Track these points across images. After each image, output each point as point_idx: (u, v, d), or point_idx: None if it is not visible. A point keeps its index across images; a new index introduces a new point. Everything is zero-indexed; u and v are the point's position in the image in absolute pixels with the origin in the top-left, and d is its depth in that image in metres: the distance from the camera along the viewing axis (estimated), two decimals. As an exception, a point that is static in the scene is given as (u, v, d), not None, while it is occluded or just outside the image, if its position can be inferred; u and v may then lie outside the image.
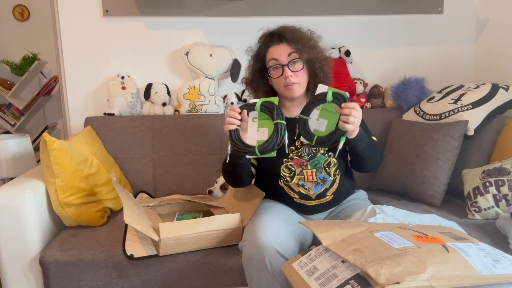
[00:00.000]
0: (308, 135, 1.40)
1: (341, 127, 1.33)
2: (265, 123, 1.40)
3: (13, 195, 1.55)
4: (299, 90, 1.52)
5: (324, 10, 2.31)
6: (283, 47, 1.50)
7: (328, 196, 1.53)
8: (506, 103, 1.95)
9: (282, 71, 1.48)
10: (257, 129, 1.41)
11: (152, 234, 1.48)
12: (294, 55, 1.48)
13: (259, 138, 1.40)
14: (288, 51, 1.49)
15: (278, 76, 1.50)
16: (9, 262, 1.56)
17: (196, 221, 1.55)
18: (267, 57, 1.53)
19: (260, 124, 1.41)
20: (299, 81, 1.50)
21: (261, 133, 1.40)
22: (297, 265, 1.18)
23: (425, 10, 2.38)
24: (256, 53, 1.58)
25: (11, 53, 3.54)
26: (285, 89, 1.51)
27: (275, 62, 1.50)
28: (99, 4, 2.20)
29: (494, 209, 1.64)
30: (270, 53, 1.52)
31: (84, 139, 1.95)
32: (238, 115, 1.41)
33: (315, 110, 1.39)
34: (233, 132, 1.41)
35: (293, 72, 1.48)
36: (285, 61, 1.48)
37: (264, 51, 1.54)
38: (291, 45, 1.49)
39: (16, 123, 3.50)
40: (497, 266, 0.98)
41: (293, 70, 1.48)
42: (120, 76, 2.21)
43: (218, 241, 1.56)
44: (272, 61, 1.50)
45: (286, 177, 1.53)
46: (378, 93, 2.36)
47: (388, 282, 0.88)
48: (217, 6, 2.25)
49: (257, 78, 1.59)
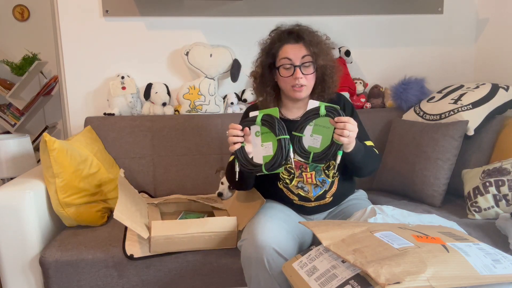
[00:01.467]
0: (303, 153, 1.37)
1: (336, 140, 1.32)
2: (268, 137, 1.37)
3: (13, 195, 1.55)
4: (306, 93, 1.50)
5: (324, 10, 2.31)
6: (299, 48, 1.46)
7: (328, 198, 1.53)
8: (506, 103, 1.95)
9: (293, 72, 1.46)
10: (261, 144, 1.38)
11: (141, 232, 1.48)
12: (308, 58, 1.46)
13: (264, 154, 1.38)
14: (303, 53, 1.46)
15: (288, 76, 1.47)
16: (9, 262, 1.56)
17: (189, 222, 1.55)
18: (280, 54, 1.49)
19: (263, 139, 1.38)
20: (307, 84, 1.48)
21: (266, 148, 1.38)
22: (297, 265, 1.18)
23: (425, 10, 2.38)
24: (268, 47, 1.53)
25: (11, 53, 3.54)
26: (292, 90, 1.49)
27: (288, 62, 1.46)
28: (99, 4, 2.20)
29: (494, 209, 1.64)
30: (284, 51, 1.48)
31: (84, 139, 1.95)
32: (240, 132, 1.38)
33: (308, 127, 1.37)
34: (239, 152, 1.38)
35: (303, 74, 1.46)
36: (298, 62, 1.45)
37: (277, 48, 1.50)
38: (308, 47, 1.46)
39: (16, 123, 3.50)
40: (497, 266, 0.98)
41: (304, 73, 1.46)
42: (120, 76, 2.21)
43: (213, 243, 1.55)
44: (285, 60, 1.47)
45: (285, 179, 1.53)
46: (378, 93, 2.36)
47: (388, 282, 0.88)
48: (217, 6, 2.25)
49: (265, 73, 1.54)
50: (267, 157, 1.37)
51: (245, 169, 1.39)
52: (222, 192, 1.92)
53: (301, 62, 1.46)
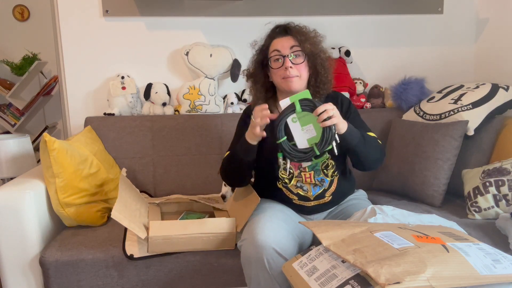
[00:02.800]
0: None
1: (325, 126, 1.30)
2: (306, 119, 1.34)
3: (13, 195, 1.55)
4: (299, 84, 1.49)
5: (324, 10, 2.31)
6: (287, 40, 1.50)
7: (327, 197, 1.53)
8: (506, 103, 1.95)
9: (283, 63, 1.47)
10: (301, 129, 1.35)
11: (139, 232, 1.48)
12: (296, 48, 1.48)
13: (308, 137, 1.35)
14: (291, 43, 1.49)
15: (278, 67, 1.49)
16: (9, 262, 1.56)
17: (187, 222, 1.54)
18: (270, 49, 1.52)
19: (302, 122, 1.35)
20: (299, 75, 1.48)
21: (308, 131, 1.35)
22: (297, 265, 1.18)
23: (425, 10, 2.38)
24: (260, 45, 1.58)
25: (11, 53, 3.54)
26: (283, 81, 1.48)
27: (277, 53, 1.49)
28: (99, 4, 2.20)
29: (494, 209, 1.64)
30: (273, 44, 1.52)
31: (84, 139, 1.95)
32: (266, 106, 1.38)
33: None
34: (285, 145, 1.35)
35: (293, 64, 1.47)
36: (286, 53, 1.48)
37: (267, 43, 1.54)
38: (295, 38, 1.49)
39: (16, 123, 3.50)
40: (497, 266, 0.98)
41: (294, 63, 1.47)
42: (120, 76, 2.21)
43: (211, 244, 1.54)
44: (274, 52, 1.50)
45: (284, 179, 1.53)
46: (378, 93, 2.36)
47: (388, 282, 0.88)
48: (217, 6, 2.25)
49: (258, 70, 1.57)
50: (312, 139, 1.35)
51: (297, 159, 1.37)
52: (225, 195, 1.92)
53: (290, 52, 1.48)
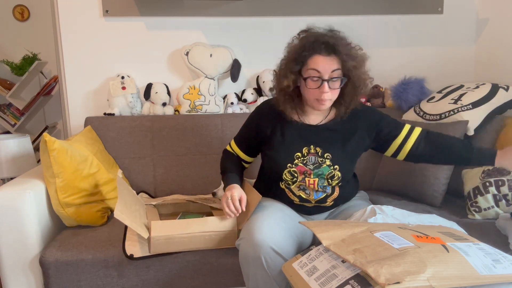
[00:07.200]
0: None
1: None
2: None
3: (13, 195, 1.55)
4: (329, 105, 1.45)
5: (324, 10, 2.31)
6: (330, 61, 1.38)
7: (328, 202, 1.53)
8: (506, 103, 1.95)
9: (320, 85, 1.39)
10: None
11: (141, 231, 1.48)
12: (338, 73, 1.39)
13: None
14: (334, 66, 1.38)
15: (314, 88, 1.41)
16: (9, 262, 1.56)
17: (189, 222, 1.54)
18: (309, 64, 1.40)
19: None
20: (332, 98, 1.43)
21: None
22: (297, 265, 1.18)
23: (425, 10, 2.38)
24: (297, 53, 1.42)
25: (11, 53, 3.54)
26: (316, 102, 1.43)
27: (316, 74, 1.39)
28: (99, 4, 2.20)
29: (494, 209, 1.64)
30: (314, 61, 1.39)
31: (84, 139, 1.95)
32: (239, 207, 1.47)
33: None
34: None
35: (330, 89, 1.40)
36: (326, 76, 1.38)
37: (307, 57, 1.40)
38: (340, 61, 1.39)
39: (16, 123, 3.50)
40: (497, 266, 0.98)
41: (331, 87, 1.40)
42: (120, 76, 2.21)
43: (213, 243, 1.55)
44: (313, 71, 1.39)
45: (288, 181, 1.52)
46: (378, 93, 2.36)
47: (388, 282, 0.88)
48: (217, 6, 2.25)
49: (290, 78, 1.44)
50: None
51: None
52: (216, 192, 1.90)
53: (330, 77, 1.38)
